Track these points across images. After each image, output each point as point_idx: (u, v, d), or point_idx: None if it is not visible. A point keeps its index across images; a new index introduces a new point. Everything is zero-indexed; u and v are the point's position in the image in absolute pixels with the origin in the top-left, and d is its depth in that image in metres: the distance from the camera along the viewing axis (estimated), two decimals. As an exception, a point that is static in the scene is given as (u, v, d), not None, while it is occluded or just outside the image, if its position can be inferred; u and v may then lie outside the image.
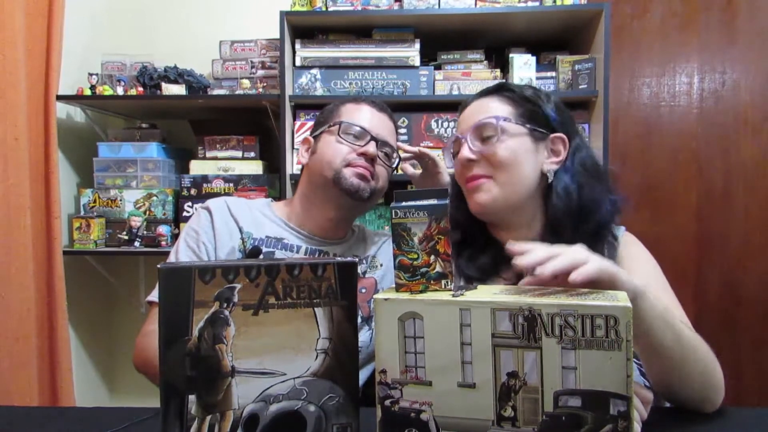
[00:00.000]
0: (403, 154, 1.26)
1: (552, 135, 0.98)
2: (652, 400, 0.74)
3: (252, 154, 1.96)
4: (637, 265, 0.95)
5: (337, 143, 1.12)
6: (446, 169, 1.26)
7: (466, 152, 0.97)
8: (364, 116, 1.15)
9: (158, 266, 0.59)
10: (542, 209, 0.99)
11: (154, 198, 1.91)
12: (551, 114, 0.99)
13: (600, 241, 0.96)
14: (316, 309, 0.61)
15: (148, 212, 1.91)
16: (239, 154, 1.96)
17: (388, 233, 1.29)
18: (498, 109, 0.99)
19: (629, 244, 1.00)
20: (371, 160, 1.11)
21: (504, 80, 1.85)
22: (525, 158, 0.96)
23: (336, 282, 0.62)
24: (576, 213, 0.94)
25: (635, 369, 0.86)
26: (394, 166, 1.20)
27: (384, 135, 1.15)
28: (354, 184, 1.09)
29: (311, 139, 1.19)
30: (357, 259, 0.65)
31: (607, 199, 0.96)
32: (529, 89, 1.02)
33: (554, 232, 0.95)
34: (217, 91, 1.96)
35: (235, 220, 1.12)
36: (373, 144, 1.11)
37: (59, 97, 1.83)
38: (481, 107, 1.01)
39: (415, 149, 1.25)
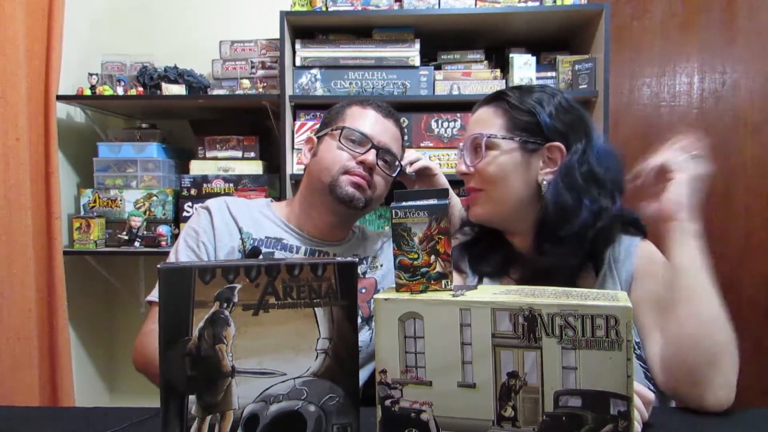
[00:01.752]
0: (408, 169, 1.21)
1: (548, 144, 0.96)
2: (653, 400, 0.74)
3: (252, 154, 1.96)
4: (655, 281, 0.92)
5: (338, 149, 1.10)
6: (440, 170, 1.26)
7: (461, 166, 1.01)
8: (368, 122, 1.13)
9: (158, 266, 0.59)
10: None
11: (154, 198, 1.91)
12: (546, 122, 0.95)
13: (597, 254, 0.94)
14: (316, 309, 0.61)
15: (148, 212, 1.91)
16: (239, 154, 1.96)
17: (388, 233, 1.29)
18: (489, 122, 0.99)
19: (650, 261, 0.95)
20: (370, 168, 1.10)
21: (505, 85, 1.84)
22: (514, 172, 0.96)
23: (336, 282, 0.62)
24: (555, 219, 0.92)
25: (641, 372, 0.86)
26: (395, 174, 1.18)
27: (386, 142, 1.13)
28: (349, 193, 1.08)
29: (315, 139, 1.18)
30: (357, 259, 0.65)
31: (597, 206, 0.92)
32: (532, 94, 0.98)
33: (542, 239, 0.94)
34: (217, 91, 1.96)
35: (234, 220, 1.12)
36: (373, 152, 1.10)
37: (59, 97, 1.83)
38: (480, 118, 1.01)
39: (413, 169, 1.21)
